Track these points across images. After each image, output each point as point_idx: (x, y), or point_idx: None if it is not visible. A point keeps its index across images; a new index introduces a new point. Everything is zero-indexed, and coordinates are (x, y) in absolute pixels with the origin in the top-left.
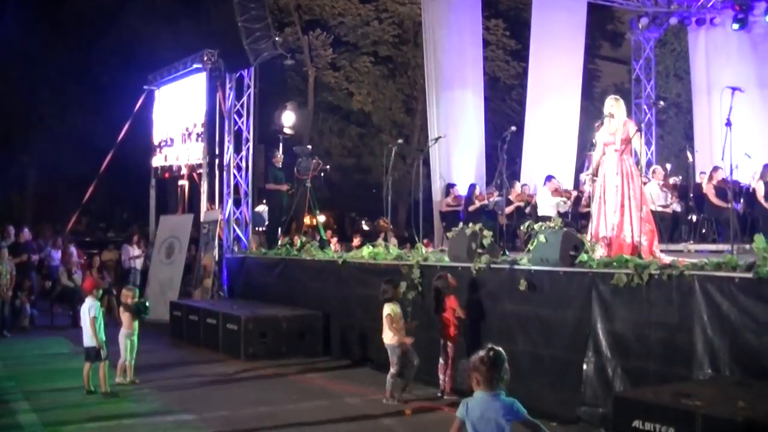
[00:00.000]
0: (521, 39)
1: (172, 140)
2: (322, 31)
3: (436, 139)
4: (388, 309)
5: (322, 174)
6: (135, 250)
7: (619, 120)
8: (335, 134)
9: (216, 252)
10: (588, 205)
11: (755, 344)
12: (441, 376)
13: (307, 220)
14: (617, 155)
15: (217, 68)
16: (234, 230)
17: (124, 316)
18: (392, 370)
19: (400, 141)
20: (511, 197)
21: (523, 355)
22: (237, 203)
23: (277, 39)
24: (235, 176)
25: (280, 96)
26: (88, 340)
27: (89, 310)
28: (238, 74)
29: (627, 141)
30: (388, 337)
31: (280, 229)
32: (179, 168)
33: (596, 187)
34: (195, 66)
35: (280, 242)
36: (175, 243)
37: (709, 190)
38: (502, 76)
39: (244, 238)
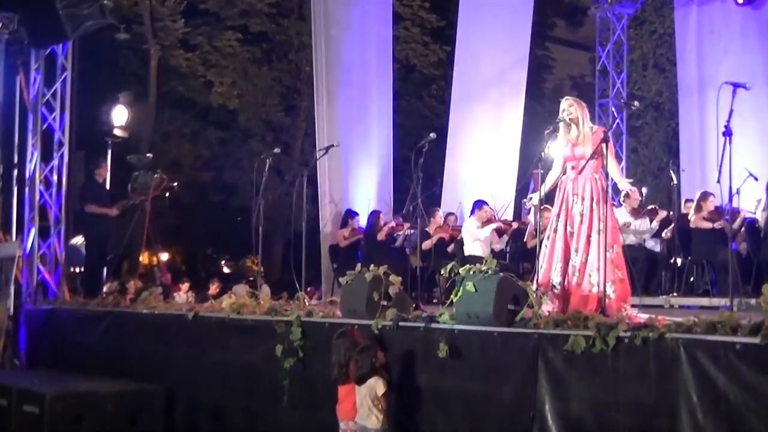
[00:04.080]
0: (446, 14)
1: None
2: None
3: (327, 149)
4: (382, 385)
5: (168, 194)
6: None
7: (583, 125)
8: (187, 139)
9: (12, 301)
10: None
11: None
12: None
13: (145, 258)
14: (584, 173)
15: (17, 40)
16: (39, 271)
17: None
18: None
19: (276, 150)
20: (429, 230)
21: None
22: (44, 233)
23: (106, 2)
24: (41, 194)
25: (109, 84)
26: None
27: None
28: (48, 50)
29: (597, 154)
30: (374, 420)
31: (105, 271)
32: None
33: (550, 218)
34: None
35: (105, 289)
36: None
37: (698, 224)
38: (418, 63)
39: (52, 283)
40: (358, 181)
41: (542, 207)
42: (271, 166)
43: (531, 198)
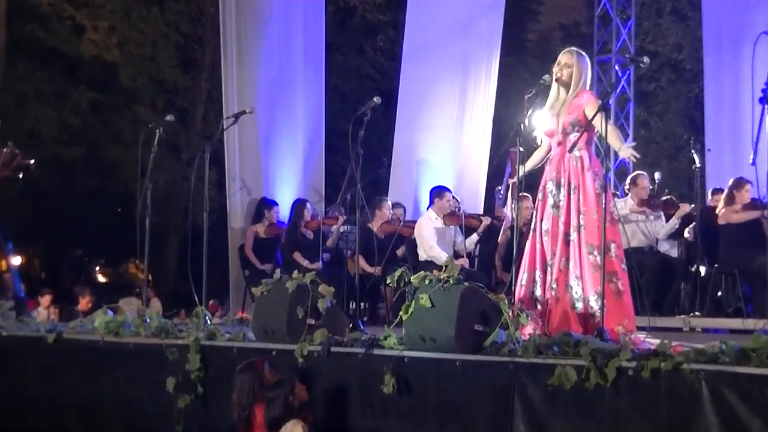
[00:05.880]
0: None
1: None
2: None
3: (236, 117)
4: (301, 431)
5: (22, 175)
6: None
7: (573, 90)
8: (49, 102)
9: None
10: (510, 242)
11: None
12: None
13: None
14: (568, 151)
15: None
16: None
17: None
18: None
19: (169, 118)
20: (372, 225)
21: None
22: None
23: None
24: None
25: None
26: None
27: None
28: None
29: (586, 127)
30: None
31: None
32: None
33: (534, 210)
34: None
35: None
36: None
37: (728, 219)
38: (360, 6)
39: None
40: (278, 160)
41: (520, 195)
42: (162, 139)
43: (512, 179)
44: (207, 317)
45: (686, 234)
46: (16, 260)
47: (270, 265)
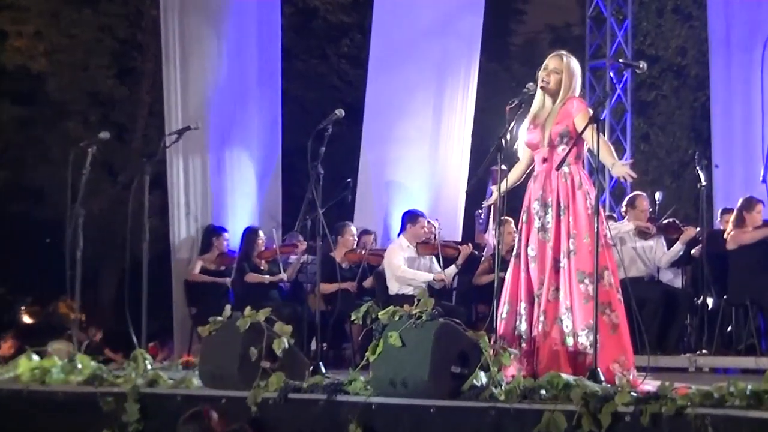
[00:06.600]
0: None
1: None
2: None
3: (180, 133)
4: None
5: None
6: None
7: (560, 100)
8: None
9: None
10: (491, 271)
11: None
12: None
13: None
14: (555, 168)
15: None
16: None
17: None
18: None
19: (104, 135)
20: (335, 254)
21: None
22: None
23: None
24: None
25: None
26: None
27: None
28: None
29: (576, 140)
30: None
31: None
32: None
33: (517, 234)
34: None
35: None
36: None
37: (738, 241)
38: (321, 6)
39: None
40: (229, 182)
41: (502, 219)
42: (96, 159)
43: (489, 201)
44: (147, 361)
45: (694, 252)
46: None
47: (229, 278)
